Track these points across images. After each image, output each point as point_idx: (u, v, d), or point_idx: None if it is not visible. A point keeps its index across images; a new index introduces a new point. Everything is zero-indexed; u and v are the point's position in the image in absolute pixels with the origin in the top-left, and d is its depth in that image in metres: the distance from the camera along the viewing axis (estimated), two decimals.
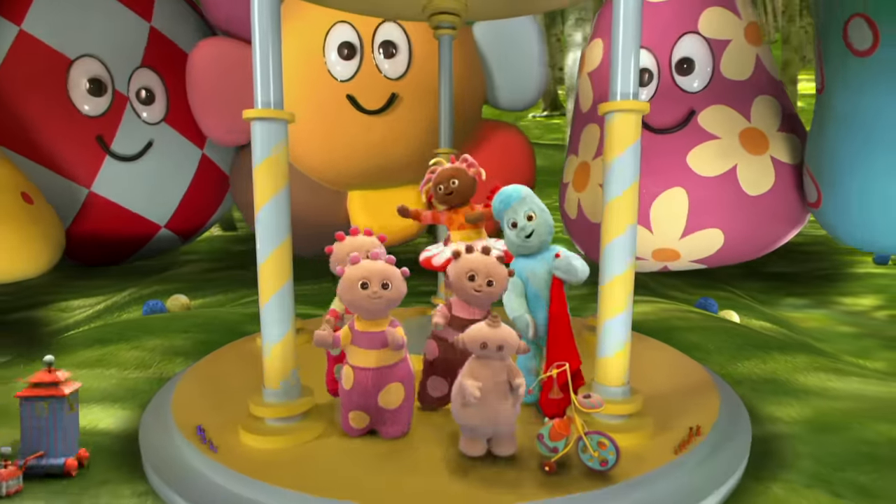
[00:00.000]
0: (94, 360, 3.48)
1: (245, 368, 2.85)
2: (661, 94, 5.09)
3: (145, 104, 5.93)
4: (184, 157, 6.25)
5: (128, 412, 2.78)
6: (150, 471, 2.08)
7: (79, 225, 5.82)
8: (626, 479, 1.87)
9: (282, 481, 1.81)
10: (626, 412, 2.11)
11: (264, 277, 2.13)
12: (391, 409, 2.08)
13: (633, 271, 2.11)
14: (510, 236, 2.40)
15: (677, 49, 5.03)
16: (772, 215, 4.92)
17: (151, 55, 5.96)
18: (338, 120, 4.99)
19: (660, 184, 4.80)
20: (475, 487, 1.83)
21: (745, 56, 5.05)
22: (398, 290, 2.02)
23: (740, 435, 2.32)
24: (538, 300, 2.42)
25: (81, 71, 5.53)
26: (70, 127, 5.55)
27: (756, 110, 4.93)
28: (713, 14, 5.10)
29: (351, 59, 4.89)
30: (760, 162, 4.79)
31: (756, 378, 3.28)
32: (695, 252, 5.02)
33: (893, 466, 2.31)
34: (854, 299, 6.61)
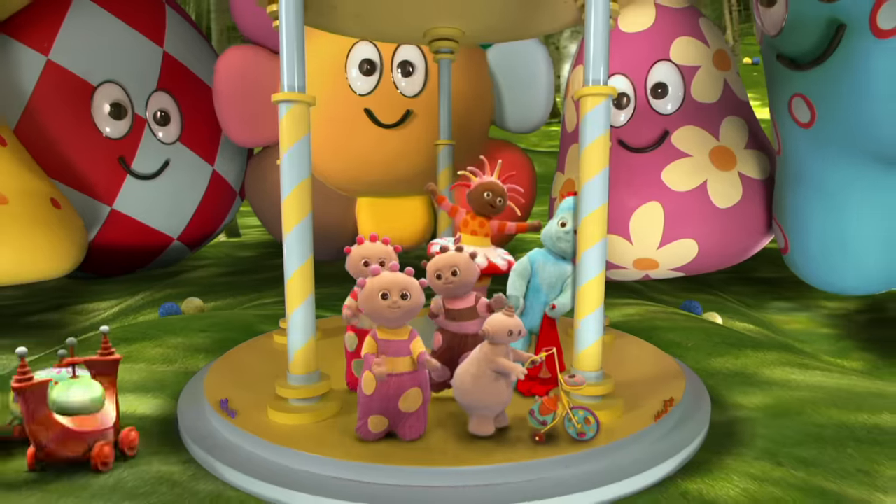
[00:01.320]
0: (123, 356, 3.85)
1: (265, 361, 3.24)
2: (638, 115, 5.58)
3: (161, 125, 6.38)
4: (197, 174, 6.71)
5: (160, 400, 3.16)
6: (189, 443, 2.47)
7: (100, 240, 6.25)
8: (600, 446, 2.25)
9: (302, 448, 2.20)
10: (599, 393, 2.49)
11: (289, 250, 2.45)
12: (410, 412, 2.28)
13: (603, 275, 2.51)
14: (554, 230, 2.79)
15: (651, 75, 5.55)
16: (741, 226, 5.37)
17: (165, 79, 6.42)
18: (355, 131, 5.42)
19: (638, 198, 5.24)
20: (475, 451, 2.21)
21: (714, 81, 5.55)
22: (416, 300, 2.20)
23: (700, 414, 2.71)
24: (538, 293, 2.82)
25: (104, 96, 5.98)
26: (94, 149, 6.00)
27: (724, 130, 5.43)
28: (683, 43, 5.64)
29: (370, 75, 5.33)
30: (729, 177, 5.26)
31: (727, 371, 3.66)
32: (672, 261, 5.44)
33: (833, 444, 2.69)
34: (839, 303, 7.00)
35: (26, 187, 4.87)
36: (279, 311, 5.16)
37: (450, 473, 2.09)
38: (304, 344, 2.48)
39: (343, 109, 5.38)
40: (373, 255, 2.69)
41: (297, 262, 2.44)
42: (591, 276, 2.49)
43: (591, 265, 2.49)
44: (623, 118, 5.61)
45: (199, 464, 2.38)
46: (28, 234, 4.67)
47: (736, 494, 2.18)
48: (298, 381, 2.49)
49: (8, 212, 4.63)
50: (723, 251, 5.47)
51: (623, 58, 5.65)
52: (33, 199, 4.79)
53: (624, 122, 5.61)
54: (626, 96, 5.60)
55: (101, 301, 6.79)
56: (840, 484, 2.34)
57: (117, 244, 6.38)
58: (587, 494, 2.07)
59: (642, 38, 5.72)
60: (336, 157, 5.60)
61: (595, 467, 2.21)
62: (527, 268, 2.80)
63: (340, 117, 5.41)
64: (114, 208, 6.15)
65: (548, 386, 2.65)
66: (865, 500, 2.23)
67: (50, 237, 4.80)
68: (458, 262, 2.50)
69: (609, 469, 2.19)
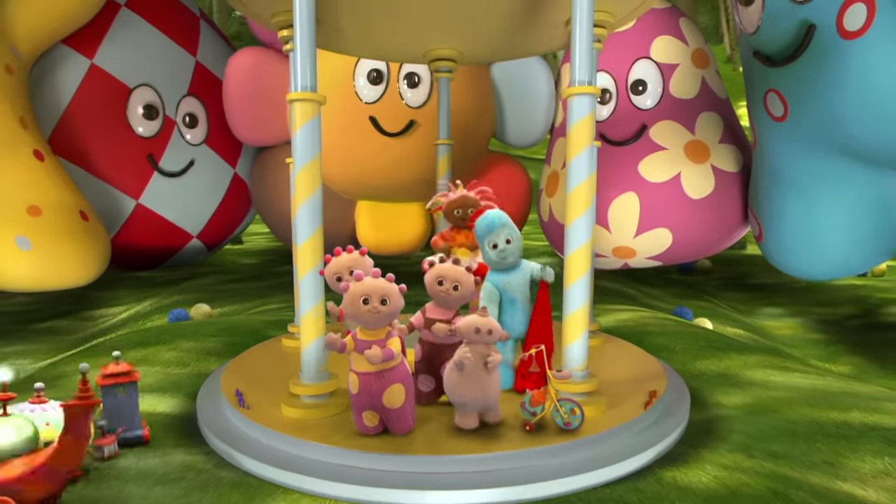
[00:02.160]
0: (139, 359, 4.13)
1: (276, 363, 3.50)
2: (619, 111, 5.93)
3: (189, 127, 6.97)
4: (219, 175, 7.24)
5: (177, 400, 3.42)
6: (210, 436, 2.73)
7: (125, 233, 6.79)
8: (586, 437, 2.52)
9: (312, 439, 2.46)
10: (584, 390, 2.76)
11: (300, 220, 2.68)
12: (395, 408, 2.47)
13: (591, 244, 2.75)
14: (490, 255, 2.97)
15: (632, 72, 5.93)
16: (714, 216, 5.73)
17: (196, 85, 7.04)
18: (359, 137, 5.74)
19: (616, 189, 5.56)
20: (469, 442, 2.47)
21: (692, 78, 5.90)
22: (395, 305, 2.39)
23: (680, 410, 2.97)
24: (514, 304, 3.03)
25: (139, 98, 6.60)
26: (126, 146, 6.57)
27: (700, 125, 5.79)
28: (663, 42, 6.00)
29: (378, 84, 5.66)
30: (702, 169, 5.62)
31: (710, 373, 3.92)
32: (648, 249, 5.76)
33: (804, 438, 2.95)
34: (831, 309, 7.26)
35: (59, 200, 5.29)
36: (284, 317, 5.42)
37: (445, 461, 2.35)
38: (314, 306, 2.73)
39: (349, 116, 5.69)
40: (342, 268, 2.92)
41: (308, 232, 2.67)
42: (579, 245, 2.74)
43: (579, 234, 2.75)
44: (605, 113, 5.97)
45: (220, 455, 2.64)
46: (58, 245, 5.12)
47: (707, 481, 2.44)
48: (309, 379, 2.75)
49: (41, 223, 5.07)
50: (697, 240, 5.80)
51: (606, 55, 5.99)
52: (64, 211, 5.20)
53: (606, 117, 5.97)
54: (608, 92, 5.94)
55: (109, 307, 7.06)
56: (804, 473, 2.60)
57: (140, 238, 6.89)
58: (572, 480, 2.33)
59: (625, 36, 6.07)
60: (339, 162, 5.90)
61: (580, 456, 2.47)
62: (493, 291, 2.97)
63: (346, 123, 5.71)
64: (140, 202, 6.69)
65: (537, 380, 2.91)
66: (825, 486, 2.49)
67: (77, 248, 5.25)
68: (462, 280, 2.72)
69: (592, 458, 2.45)
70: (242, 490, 2.31)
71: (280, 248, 9.93)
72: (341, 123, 5.71)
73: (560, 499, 2.29)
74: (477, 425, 2.59)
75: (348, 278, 2.60)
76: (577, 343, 2.75)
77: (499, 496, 2.24)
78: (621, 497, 2.29)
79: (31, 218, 5.08)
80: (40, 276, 5.09)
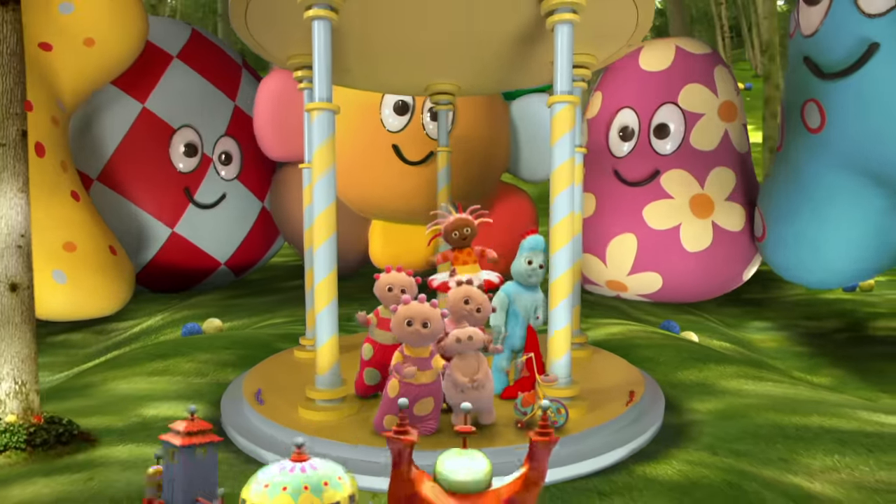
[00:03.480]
0: (161, 370, 4.55)
1: (290, 372, 3.93)
2: (638, 151, 6.31)
3: (224, 164, 7.77)
4: (248, 208, 8.01)
5: (200, 406, 3.84)
6: (235, 435, 3.15)
7: (160, 258, 7.47)
8: (569, 434, 2.94)
9: (327, 437, 2.88)
10: (568, 395, 3.18)
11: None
12: (422, 415, 2.85)
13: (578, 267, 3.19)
14: (522, 267, 3.41)
15: (657, 115, 6.27)
16: (705, 270, 6.10)
17: (233, 127, 7.85)
18: (381, 164, 6.25)
19: (618, 227, 5.99)
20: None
21: (715, 130, 6.27)
22: (435, 328, 2.68)
23: (654, 414, 3.39)
24: (517, 318, 3.49)
25: (181, 138, 7.41)
26: (166, 180, 7.35)
27: (711, 179, 6.16)
28: (693, 89, 6.36)
29: (403, 114, 6.16)
30: (703, 224, 5.99)
31: (689, 382, 4.35)
32: (639, 288, 6.18)
33: (766, 439, 3.36)
34: (818, 323, 7.68)
35: (91, 237, 5.91)
36: (291, 330, 5.84)
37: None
38: (329, 339, 3.15)
39: (373, 143, 6.18)
40: (396, 283, 3.34)
41: (324, 272, 3.10)
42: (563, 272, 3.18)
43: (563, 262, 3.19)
44: (625, 149, 6.35)
45: (245, 452, 3.06)
46: (91, 278, 5.73)
47: (672, 473, 2.86)
48: (323, 385, 3.18)
49: (76, 258, 5.68)
50: (684, 290, 6.21)
51: (635, 93, 6.37)
52: (96, 247, 5.85)
53: (625, 155, 6.36)
54: (630, 129, 6.33)
55: (120, 321, 7.49)
56: (760, 468, 3.01)
57: (173, 262, 7.58)
58: (555, 472, 2.74)
59: (656, 78, 6.43)
60: (360, 184, 6.38)
61: (563, 451, 2.88)
62: (504, 300, 3.46)
63: (370, 149, 6.20)
64: (175, 230, 7.42)
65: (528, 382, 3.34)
66: (777, 479, 2.91)
67: (107, 280, 5.88)
68: (483, 303, 3.11)
69: (573, 453, 2.87)
70: None
71: (283, 264, 10.37)
72: (365, 149, 6.18)
73: (544, 488, 2.70)
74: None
75: (397, 293, 3.08)
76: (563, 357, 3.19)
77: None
78: (596, 487, 2.71)
79: (66, 253, 5.67)
80: (75, 306, 5.71)
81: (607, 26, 3.55)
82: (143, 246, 7.28)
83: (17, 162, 3.14)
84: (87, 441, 3.20)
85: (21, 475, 2.88)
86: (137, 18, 6.50)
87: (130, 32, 6.46)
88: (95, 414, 3.67)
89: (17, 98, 3.14)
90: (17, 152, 3.14)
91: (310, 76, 3.87)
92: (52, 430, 3.14)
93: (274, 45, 3.79)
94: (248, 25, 3.47)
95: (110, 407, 3.84)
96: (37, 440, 3.09)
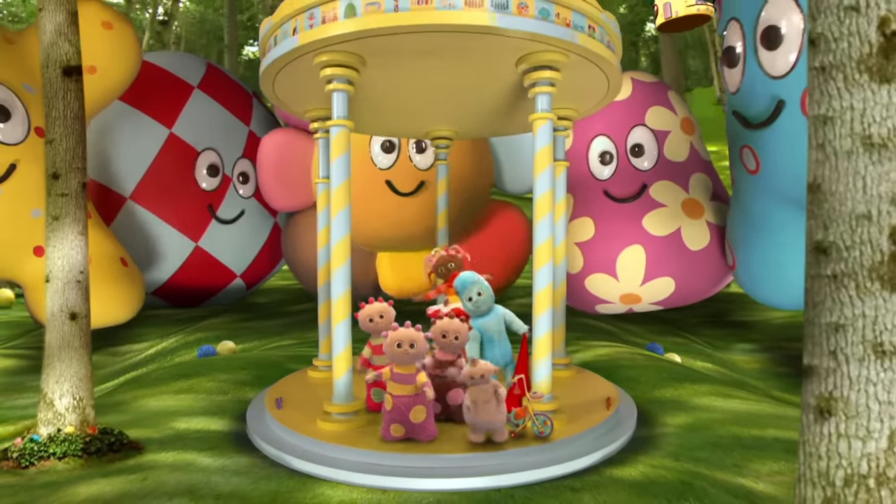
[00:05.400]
0: (186, 388, 5.17)
1: (305, 389, 4.56)
2: (620, 171, 7.07)
3: (242, 183, 8.79)
4: (262, 224, 9.00)
5: (225, 420, 4.47)
6: (262, 444, 3.78)
7: (183, 271, 8.37)
8: (552, 442, 3.57)
9: (343, 444, 3.51)
10: (550, 409, 3.81)
11: (334, 254, 3.79)
12: (418, 422, 3.53)
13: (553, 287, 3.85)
14: (468, 306, 4.16)
15: (630, 137, 7.08)
16: (710, 265, 6.84)
17: (249, 149, 8.86)
18: (379, 198, 6.93)
19: (623, 241, 6.68)
20: (465, 446, 3.52)
21: (682, 143, 7.10)
22: (420, 349, 3.51)
23: (626, 425, 4.02)
24: (492, 342, 4.19)
25: (204, 160, 8.41)
26: (192, 198, 8.31)
27: (693, 184, 6.97)
28: (656, 111, 7.22)
29: (390, 152, 6.87)
30: (699, 224, 6.75)
31: (664, 399, 4.97)
32: (653, 295, 6.85)
33: (724, 448, 3.98)
34: (801, 345, 8.28)
35: (103, 250, 6.52)
36: (300, 352, 6.48)
37: (447, 458, 3.40)
38: (343, 351, 3.79)
39: (369, 181, 6.88)
40: (375, 312, 4.09)
41: (341, 291, 3.74)
42: (543, 287, 3.84)
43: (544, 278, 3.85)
44: (607, 173, 7.11)
45: (271, 458, 3.69)
46: (105, 288, 6.29)
47: (635, 475, 3.48)
48: (339, 400, 3.81)
49: (91, 269, 6.12)
50: (696, 286, 6.92)
51: (607, 122, 7.17)
52: (108, 259, 6.38)
53: (609, 177, 7.12)
54: (608, 154, 7.11)
55: (134, 343, 8.13)
56: (713, 471, 3.64)
57: (194, 275, 8.49)
58: (536, 472, 3.37)
59: (622, 105, 7.29)
60: (361, 220, 7.09)
61: (544, 456, 3.51)
62: (476, 333, 4.17)
63: (367, 187, 6.92)
64: (198, 245, 8.36)
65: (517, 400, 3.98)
66: (727, 480, 3.53)
67: (119, 290, 6.51)
68: (460, 331, 3.79)
69: (552, 458, 3.50)
70: (295, 480, 3.35)
71: (288, 287, 11.03)
72: (363, 188, 6.90)
73: (527, 485, 3.33)
74: (483, 441, 3.61)
75: (378, 320, 3.72)
76: (543, 365, 3.84)
77: (482, 483, 3.28)
78: (570, 485, 3.33)
79: None
80: (92, 315, 6.25)
81: (583, 90, 4.24)
82: (168, 259, 8.21)
83: (78, 209, 3.81)
84: (135, 449, 3.82)
85: (82, 477, 3.50)
86: (133, 48, 7.34)
87: (127, 60, 7.28)
88: (133, 427, 4.29)
89: (79, 155, 3.82)
90: (77, 201, 3.81)
91: (325, 126, 4.59)
92: (104, 440, 3.76)
93: (294, 102, 4.48)
94: (275, 88, 4.16)
95: (145, 421, 4.46)
96: (92, 448, 3.71)
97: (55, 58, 3.77)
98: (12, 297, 11.27)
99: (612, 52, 3.85)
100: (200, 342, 7.41)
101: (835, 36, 2.08)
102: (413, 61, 3.77)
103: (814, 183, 2.14)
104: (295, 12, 3.50)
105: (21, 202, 6.09)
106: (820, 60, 2.11)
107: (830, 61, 2.08)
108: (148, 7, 24.69)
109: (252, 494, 3.17)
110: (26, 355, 7.55)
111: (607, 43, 3.82)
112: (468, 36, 3.40)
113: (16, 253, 6.24)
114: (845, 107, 2.06)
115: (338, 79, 3.60)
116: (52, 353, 3.79)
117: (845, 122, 2.07)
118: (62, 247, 3.77)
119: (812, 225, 2.16)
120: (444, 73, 4.00)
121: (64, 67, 3.77)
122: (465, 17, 3.24)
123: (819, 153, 2.11)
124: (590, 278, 6.95)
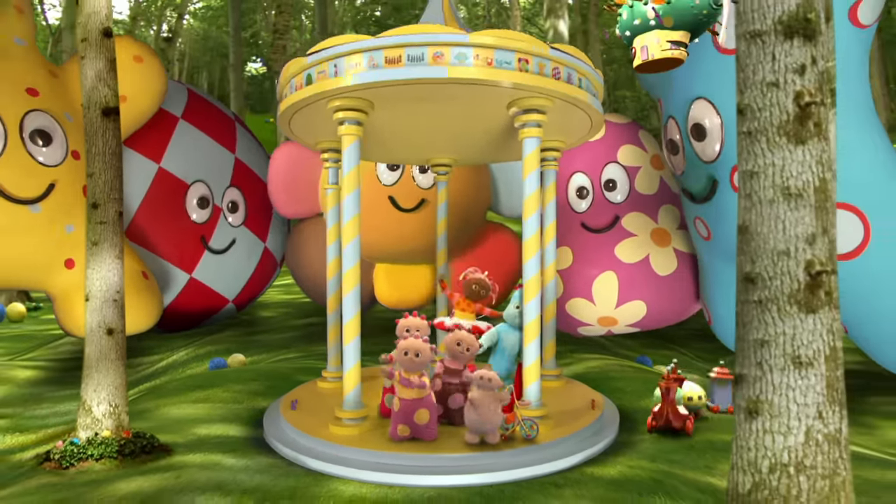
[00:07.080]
0: (203, 398, 5.70)
1: (316, 398, 5.10)
2: (596, 204, 7.72)
3: (232, 212, 9.00)
4: (253, 250, 9.26)
5: (242, 427, 5.00)
6: (279, 446, 4.32)
7: (178, 301, 8.62)
8: (539, 444, 4.11)
9: (353, 445, 4.04)
10: (538, 415, 4.35)
11: (347, 279, 4.36)
12: (422, 424, 4.10)
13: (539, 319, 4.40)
14: (512, 311, 4.81)
15: (604, 173, 7.77)
16: (678, 290, 7.43)
17: (236, 177, 9.14)
18: (382, 213, 7.50)
19: (597, 268, 7.27)
20: (461, 447, 4.05)
21: (652, 177, 7.80)
22: (425, 357, 4.10)
23: (609, 431, 4.56)
24: (503, 353, 4.76)
25: (194, 192, 8.59)
26: (183, 231, 8.52)
27: (662, 215, 7.63)
28: (628, 149, 8.05)
29: (395, 170, 7.45)
30: (666, 252, 7.36)
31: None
32: (628, 318, 7.40)
33: (698, 452, 4.51)
34: None
35: (127, 265, 6.94)
36: (307, 364, 7.01)
37: (446, 457, 3.94)
38: (354, 365, 4.32)
39: (374, 197, 7.46)
40: (412, 325, 4.63)
41: (352, 312, 4.31)
42: (532, 319, 4.38)
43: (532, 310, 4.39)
44: (584, 206, 7.73)
45: (288, 459, 4.22)
46: (127, 300, 6.72)
47: (613, 473, 4.01)
48: (349, 406, 4.35)
49: None
50: (666, 310, 7.48)
51: (583, 159, 7.83)
52: (131, 273, 6.97)
53: (585, 209, 7.73)
54: (585, 189, 7.74)
55: (145, 356, 8.67)
56: (685, 471, 4.16)
57: (190, 304, 8.75)
58: (524, 471, 3.90)
59: (597, 144, 8.04)
60: (364, 232, 7.61)
61: (531, 456, 4.04)
62: (494, 336, 4.78)
63: (371, 202, 7.48)
64: (192, 276, 8.61)
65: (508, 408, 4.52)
66: (695, 478, 4.05)
67: (140, 301, 7.10)
68: (472, 344, 4.38)
69: (538, 458, 4.03)
70: (311, 477, 3.88)
71: (292, 300, 11.57)
72: (365, 202, 7.46)
73: (516, 482, 3.86)
74: (477, 442, 4.15)
75: (414, 332, 4.30)
76: (533, 388, 4.39)
77: (477, 480, 3.81)
78: (553, 481, 3.86)
79: None
80: None
81: (570, 127, 4.82)
82: (164, 291, 8.40)
83: (115, 235, 4.37)
84: (165, 451, 4.35)
85: (119, 476, 4.03)
86: (160, 79, 7.89)
87: (155, 91, 7.84)
88: (158, 433, 4.82)
89: (116, 187, 4.38)
90: (114, 228, 4.37)
91: (336, 157, 5.16)
92: (137, 443, 4.30)
93: (307, 136, 5.05)
94: (291, 125, 4.73)
95: (169, 427, 5.00)
96: (126, 450, 4.24)
97: (95, 100, 4.34)
98: (24, 312, 11.84)
99: (594, 96, 4.44)
100: (210, 355, 7.95)
101: (759, 106, 2.64)
102: (412, 105, 4.36)
103: (743, 225, 2.70)
104: (314, 63, 4.09)
105: (57, 218, 6.70)
106: (747, 126, 2.66)
107: (756, 127, 2.64)
108: (152, 24, 25.49)
109: (274, 490, 3.70)
110: (43, 367, 8.09)
111: (591, 90, 4.41)
112: (460, 87, 3.99)
113: (49, 265, 6.83)
114: (768, 163, 2.62)
115: (349, 120, 4.18)
116: (91, 365, 4.33)
117: (768, 175, 2.62)
118: (101, 269, 4.32)
119: (742, 260, 2.71)
120: (443, 117, 4.58)
121: (103, 108, 4.34)
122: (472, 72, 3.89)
123: (747, 201, 2.67)
124: (570, 303, 7.56)
